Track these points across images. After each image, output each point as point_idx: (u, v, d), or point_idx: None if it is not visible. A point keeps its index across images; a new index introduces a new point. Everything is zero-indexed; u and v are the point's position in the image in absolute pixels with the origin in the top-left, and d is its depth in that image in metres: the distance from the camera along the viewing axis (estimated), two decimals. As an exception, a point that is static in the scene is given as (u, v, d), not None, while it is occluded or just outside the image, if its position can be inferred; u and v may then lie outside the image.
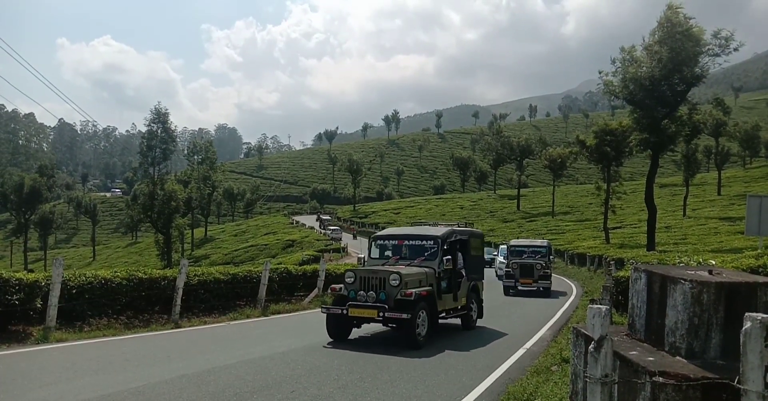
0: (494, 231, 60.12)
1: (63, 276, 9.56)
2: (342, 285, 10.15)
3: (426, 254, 10.89)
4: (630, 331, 4.59)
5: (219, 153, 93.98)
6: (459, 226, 12.67)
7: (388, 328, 10.51)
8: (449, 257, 10.84)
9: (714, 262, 8.72)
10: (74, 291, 10.00)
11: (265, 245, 63.01)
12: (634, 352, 3.89)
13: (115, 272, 11.06)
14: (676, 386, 3.27)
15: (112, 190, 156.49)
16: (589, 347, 3.46)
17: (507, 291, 21.21)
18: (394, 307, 9.41)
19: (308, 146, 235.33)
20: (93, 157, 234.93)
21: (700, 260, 10.07)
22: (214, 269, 14.30)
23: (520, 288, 21.05)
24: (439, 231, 11.38)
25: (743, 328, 2.85)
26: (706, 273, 4.15)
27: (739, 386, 2.89)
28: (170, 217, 50.18)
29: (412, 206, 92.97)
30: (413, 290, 9.50)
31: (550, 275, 21.26)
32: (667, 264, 10.05)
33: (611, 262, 18.90)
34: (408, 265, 10.51)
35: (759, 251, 11.78)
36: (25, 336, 9.06)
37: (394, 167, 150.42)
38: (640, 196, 43.10)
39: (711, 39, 24.97)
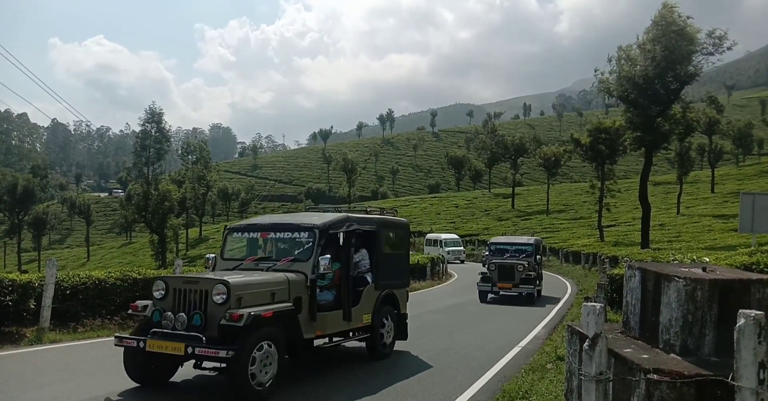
0: (489, 229, 60.17)
1: (57, 277, 9.51)
2: (150, 303, 6.70)
3: (297, 252, 7.59)
4: (624, 329, 4.60)
5: (213, 152, 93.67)
6: (369, 212, 9.49)
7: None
8: (328, 256, 7.18)
9: (708, 260, 8.77)
10: (68, 291, 9.96)
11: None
12: (629, 350, 3.91)
13: (109, 272, 11.02)
14: (671, 383, 3.28)
15: (113, 190, 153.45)
16: (584, 345, 3.47)
17: (483, 297, 17.91)
18: (216, 338, 6.07)
19: (303, 145, 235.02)
20: (86, 157, 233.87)
21: (694, 257, 10.12)
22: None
23: (501, 293, 18.13)
24: (322, 218, 7.88)
25: (737, 325, 2.86)
26: (699, 271, 4.17)
27: (733, 383, 2.90)
28: (164, 217, 49.98)
29: (407, 205, 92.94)
30: (247, 311, 5.99)
31: (536, 278, 18.06)
32: (661, 261, 10.09)
33: (606, 260, 18.98)
34: (269, 269, 7.25)
35: (752, 248, 11.86)
36: (19, 337, 9.02)
37: (388, 166, 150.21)
38: (634, 194, 43.26)
39: (705, 38, 25.10)
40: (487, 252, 20.89)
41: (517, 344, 10.22)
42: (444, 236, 44.81)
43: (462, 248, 43.66)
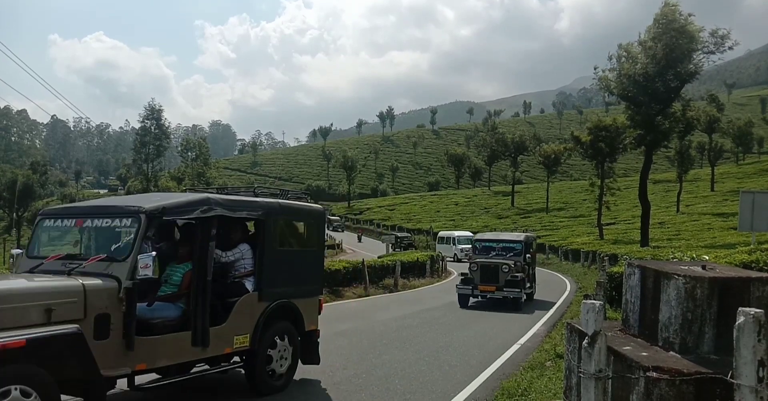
0: (489, 227, 60.19)
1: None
2: None
3: (114, 248, 5.26)
4: (624, 327, 4.60)
5: (213, 149, 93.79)
6: (258, 193, 7.04)
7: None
8: (153, 254, 4.99)
9: (707, 258, 8.77)
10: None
11: (260, 242, 62.85)
12: (628, 347, 3.90)
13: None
14: (670, 381, 3.27)
15: (119, 189, 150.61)
16: (583, 342, 3.46)
17: (462, 301, 15.83)
18: None
19: (303, 143, 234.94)
20: (86, 154, 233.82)
21: (694, 255, 10.13)
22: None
23: (488, 296, 15.84)
24: (162, 200, 5.73)
25: (736, 323, 2.85)
26: (699, 269, 4.16)
27: (732, 381, 2.89)
28: (164, 214, 50.08)
29: (407, 203, 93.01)
30: None
31: (524, 280, 15.85)
32: (661, 259, 10.10)
33: (605, 258, 19.00)
34: (71, 272, 5.04)
35: (752, 246, 11.85)
36: (18, 333, 9.00)
37: (388, 164, 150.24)
38: (633, 192, 43.32)
39: (708, 37, 25.14)
40: (471, 251, 18.92)
41: (517, 342, 10.23)
42: (457, 233, 43.54)
43: None
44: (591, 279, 20.28)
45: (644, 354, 3.72)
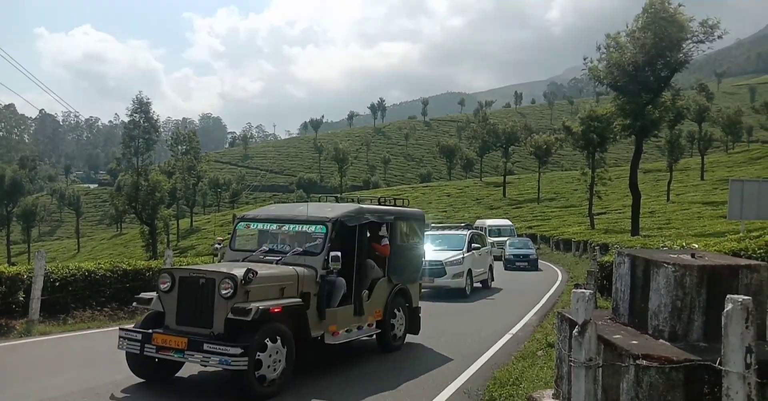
0: (481, 218, 60.35)
1: (46, 269, 9.44)
2: None
3: None
4: (614, 315, 4.62)
5: (203, 142, 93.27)
6: None
7: None
8: None
9: (697, 246, 8.82)
10: (57, 283, 9.89)
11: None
12: (618, 336, 3.92)
13: (99, 264, 10.95)
14: (660, 368, 3.29)
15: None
16: (574, 331, 3.47)
17: (135, 367, 6.25)
18: None
19: (294, 135, 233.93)
20: (76, 148, 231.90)
21: (683, 244, 10.19)
22: (199, 259, 14.23)
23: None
24: None
25: (725, 310, 2.87)
26: (688, 257, 4.18)
27: (721, 367, 2.91)
28: (155, 208, 49.77)
29: (399, 194, 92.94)
30: None
31: (276, 320, 5.97)
32: (651, 248, 10.15)
33: (596, 247, 19.07)
34: None
35: (741, 235, 11.93)
36: (8, 329, 8.95)
37: (380, 155, 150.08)
38: (624, 182, 43.47)
39: (698, 27, 25.17)
40: (218, 245, 11.06)
41: (508, 331, 10.26)
42: (489, 222, 34.92)
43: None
44: (582, 269, 20.33)
45: (634, 342, 3.73)
